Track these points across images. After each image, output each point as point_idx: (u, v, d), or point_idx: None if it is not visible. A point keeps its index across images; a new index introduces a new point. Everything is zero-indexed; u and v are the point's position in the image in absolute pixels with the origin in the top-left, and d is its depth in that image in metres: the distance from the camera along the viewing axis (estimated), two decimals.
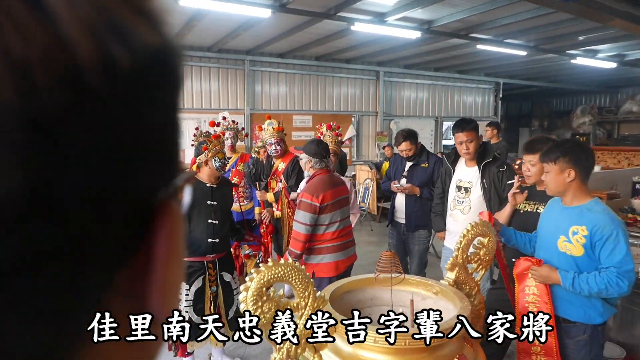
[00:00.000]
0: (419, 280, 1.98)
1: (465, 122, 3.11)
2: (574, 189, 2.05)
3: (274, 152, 3.96)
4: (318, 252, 2.95)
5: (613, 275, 1.91)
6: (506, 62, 9.98)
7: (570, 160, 2.01)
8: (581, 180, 2.04)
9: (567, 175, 2.02)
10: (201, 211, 2.90)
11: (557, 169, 2.05)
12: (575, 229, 2.02)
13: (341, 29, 6.82)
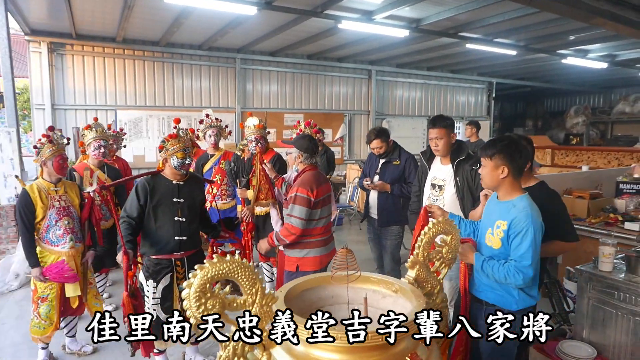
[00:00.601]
0: (380, 278, 1.96)
1: (438, 118, 3.09)
2: (507, 184, 2.12)
3: (254, 149, 3.93)
4: (304, 246, 2.93)
5: (512, 267, 2.02)
6: (498, 62, 9.98)
7: (505, 158, 2.07)
8: (513, 176, 2.10)
9: (501, 171, 2.09)
10: (167, 209, 2.85)
11: (492, 164, 2.11)
12: (498, 223, 2.11)
13: (329, 27, 6.80)
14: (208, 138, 4.57)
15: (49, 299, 3.05)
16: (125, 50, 7.97)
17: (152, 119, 8.25)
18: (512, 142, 2.12)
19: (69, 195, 3.14)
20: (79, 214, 3.18)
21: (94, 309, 3.32)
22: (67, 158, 3.13)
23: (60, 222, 3.03)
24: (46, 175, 3.05)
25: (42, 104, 7.42)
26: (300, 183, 2.87)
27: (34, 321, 3.07)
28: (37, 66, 7.38)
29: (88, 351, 3.45)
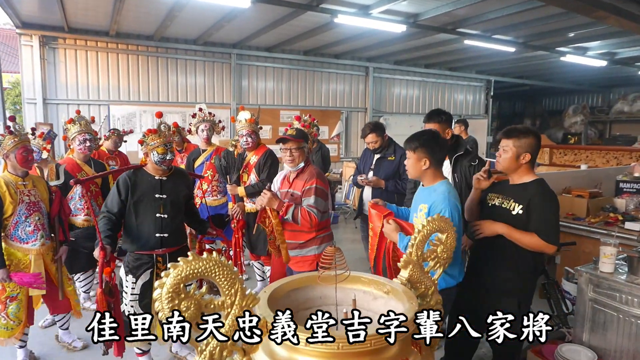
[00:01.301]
0: (371, 278, 1.86)
1: (433, 113, 3.01)
2: (429, 174, 2.34)
3: (245, 144, 3.83)
4: (321, 240, 2.85)
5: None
6: (496, 59, 9.88)
7: (426, 151, 2.30)
8: (434, 167, 2.33)
9: (423, 163, 2.31)
10: (148, 204, 2.75)
11: (415, 157, 2.34)
12: (421, 207, 2.34)
13: (325, 22, 6.69)
14: (200, 132, 4.45)
15: (19, 298, 2.92)
16: (119, 45, 7.84)
17: (146, 114, 8.12)
18: (432, 136, 2.35)
19: (38, 189, 3.00)
20: (48, 209, 3.05)
21: (77, 307, 3.25)
22: (32, 150, 2.99)
23: (30, 218, 2.89)
24: (11, 168, 2.90)
25: (34, 99, 7.29)
26: (317, 175, 2.80)
27: (1, 322, 2.91)
28: (29, 60, 7.25)
29: (78, 347, 3.41)
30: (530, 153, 2.34)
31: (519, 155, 2.34)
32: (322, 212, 2.76)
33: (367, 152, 3.98)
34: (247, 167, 3.91)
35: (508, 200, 2.37)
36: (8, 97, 16.73)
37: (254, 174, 3.85)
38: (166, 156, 2.74)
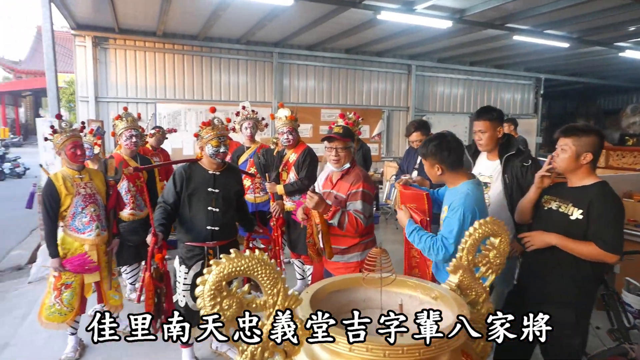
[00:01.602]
0: (417, 282, 1.77)
1: (483, 110, 2.86)
2: (448, 178, 2.33)
3: (285, 141, 3.81)
4: (364, 246, 2.73)
5: (438, 241, 2.21)
6: (547, 56, 9.40)
7: (435, 158, 2.29)
8: (450, 170, 2.30)
9: (437, 170, 2.31)
10: (201, 198, 2.85)
11: (428, 164, 2.35)
12: (444, 209, 2.36)
13: (368, 19, 6.58)
14: (244, 130, 4.50)
15: (73, 286, 3.06)
16: (165, 45, 8.06)
17: (191, 112, 8.31)
18: (440, 141, 2.28)
19: (94, 182, 3.13)
20: (105, 202, 3.17)
21: (111, 301, 3.29)
22: (82, 145, 3.10)
23: (86, 210, 3.03)
24: (67, 163, 3.06)
25: (86, 97, 7.62)
26: (364, 178, 2.69)
27: (55, 307, 3.05)
28: (82, 60, 7.58)
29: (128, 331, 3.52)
30: (592, 153, 2.15)
31: (579, 155, 2.16)
32: (367, 217, 2.64)
33: (411, 151, 3.86)
34: (287, 165, 3.88)
35: (566, 204, 2.21)
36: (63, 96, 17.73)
37: (293, 172, 3.82)
38: (220, 149, 2.82)
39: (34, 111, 28.99)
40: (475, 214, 2.17)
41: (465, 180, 2.29)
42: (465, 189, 2.24)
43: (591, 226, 2.06)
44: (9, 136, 23.68)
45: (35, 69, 25.23)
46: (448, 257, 2.13)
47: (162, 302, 2.79)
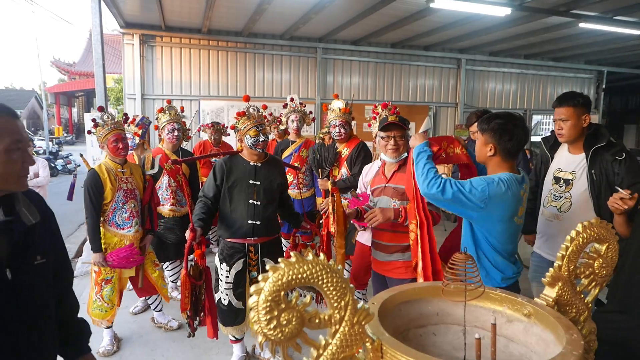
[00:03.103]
0: (504, 295, 1.47)
1: (566, 95, 2.50)
2: (494, 163, 2.05)
3: (337, 135, 3.61)
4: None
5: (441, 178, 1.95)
6: (613, 47, 8.66)
7: (492, 137, 2.02)
8: (502, 156, 2.02)
9: (489, 149, 2.04)
10: (242, 190, 2.72)
11: (482, 139, 2.07)
12: None
13: (420, 9, 6.24)
14: (291, 123, 4.33)
15: (113, 281, 3.03)
16: (210, 41, 8.04)
17: (234, 109, 8.25)
18: (507, 122, 2.00)
19: (134, 177, 3.08)
20: (142, 197, 3.10)
21: (163, 290, 3.34)
22: (124, 138, 3.02)
23: (127, 205, 2.98)
24: (110, 156, 3.00)
25: (133, 94, 7.72)
26: None
27: (97, 303, 3.03)
28: (130, 58, 7.69)
29: (174, 326, 3.52)
30: None
31: None
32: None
33: (470, 145, 3.52)
34: (338, 160, 3.66)
35: None
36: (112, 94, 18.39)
37: (345, 167, 3.59)
38: (259, 138, 2.67)
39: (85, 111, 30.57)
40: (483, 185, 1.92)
41: (506, 172, 2.01)
42: (502, 176, 1.96)
43: None
44: (62, 134, 24.88)
45: (87, 71, 26.42)
46: (436, 198, 1.96)
47: (201, 300, 2.65)
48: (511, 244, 2.06)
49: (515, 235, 2.07)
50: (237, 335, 2.89)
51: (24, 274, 1.29)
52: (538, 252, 2.72)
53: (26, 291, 1.30)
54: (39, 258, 1.34)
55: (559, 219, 2.54)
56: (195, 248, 2.51)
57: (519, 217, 2.03)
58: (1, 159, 1.23)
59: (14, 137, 1.25)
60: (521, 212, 2.02)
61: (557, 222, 2.54)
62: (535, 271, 2.74)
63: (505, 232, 1.99)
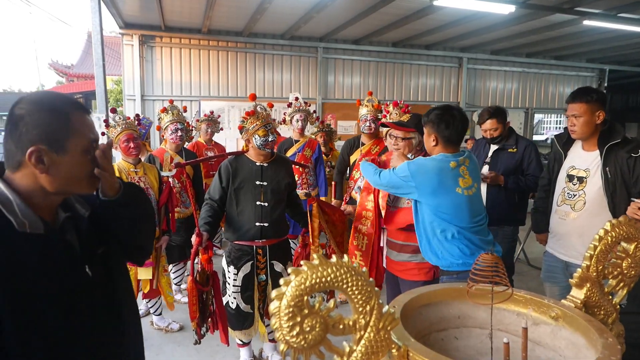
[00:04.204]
0: (530, 297, 1.42)
1: (580, 91, 2.44)
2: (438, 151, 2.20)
3: (366, 129, 3.72)
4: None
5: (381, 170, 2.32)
6: (615, 44, 8.61)
7: (433, 128, 2.19)
8: (444, 144, 2.19)
9: (432, 140, 2.21)
10: (248, 192, 2.65)
11: (426, 132, 2.25)
12: None
13: (422, 7, 6.19)
14: (295, 123, 4.28)
15: None
16: (210, 42, 7.98)
17: (234, 109, 8.19)
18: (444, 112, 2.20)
19: (148, 177, 3.02)
20: (157, 197, 3.04)
21: (168, 298, 3.25)
22: (136, 138, 2.98)
23: None
24: (122, 156, 2.98)
25: (133, 95, 7.65)
26: None
27: None
28: (129, 59, 7.62)
29: (175, 328, 3.49)
30: None
31: None
32: None
33: (481, 143, 3.47)
34: (369, 156, 3.64)
35: None
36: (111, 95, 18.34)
37: None
38: (268, 138, 2.61)
39: None
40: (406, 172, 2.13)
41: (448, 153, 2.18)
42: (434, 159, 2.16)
43: None
44: None
45: (86, 73, 26.29)
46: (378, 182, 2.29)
47: (209, 305, 2.59)
48: (466, 217, 2.13)
49: (466, 207, 2.12)
50: (245, 339, 2.83)
51: (98, 268, 1.21)
52: (551, 252, 2.66)
53: (107, 284, 1.23)
54: (103, 248, 1.26)
55: (572, 217, 2.48)
56: (202, 253, 2.45)
57: (466, 189, 2.12)
58: (78, 160, 1.12)
59: (92, 136, 1.15)
60: (464, 183, 2.11)
61: (570, 220, 2.49)
62: (548, 271, 2.69)
63: (451, 204, 2.10)
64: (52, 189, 1.11)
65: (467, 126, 2.23)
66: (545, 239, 2.79)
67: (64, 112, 1.10)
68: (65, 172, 1.10)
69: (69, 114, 1.11)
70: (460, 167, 2.14)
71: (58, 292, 1.07)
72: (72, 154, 1.10)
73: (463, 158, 2.17)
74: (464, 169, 2.14)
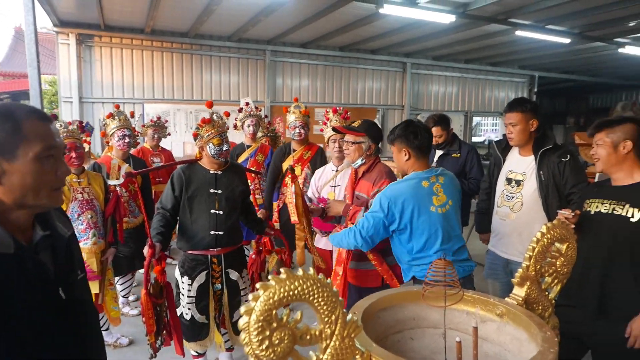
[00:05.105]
0: (477, 296, 1.53)
1: (515, 102, 2.65)
2: (411, 165, 2.24)
3: (297, 135, 3.66)
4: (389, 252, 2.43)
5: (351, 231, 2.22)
6: (544, 53, 9.31)
7: (402, 142, 2.22)
8: (416, 155, 2.22)
9: (404, 154, 2.24)
10: (202, 200, 2.60)
11: (395, 150, 2.28)
12: None
13: (368, 14, 6.36)
14: (246, 128, 4.25)
15: None
16: (154, 42, 7.73)
17: (180, 112, 7.99)
18: (407, 125, 2.24)
19: (92, 187, 2.87)
20: (103, 208, 2.90)
21: (112, 312, 3.11)
22: (78, 147, 2.84)
23: (82, 216, 2.77)
24: None
25: (70, 97, 7.25)
26: (388, 174, 2.54)
27: None
28: (66, 58, 7.21)
29: (124, 343, 3.36)
30: (632, 140, 1.97)
31: (617, 145, 1.98)
32: None
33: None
34: (301, 162, 3.67)
35: (621, 205, 1.99)
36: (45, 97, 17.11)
37: (308, 168, 3.63)
38: (223, 147, 2.58)
39: None
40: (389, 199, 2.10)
41: (421, 170, 2.21)
42: (400, 181, 2.18)
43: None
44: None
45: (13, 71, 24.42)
46: (362, 244, 2.18)
47: (163, 317, 2.53)
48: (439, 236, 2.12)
49: (440, 225, 2.12)
50: (200, 350, 2.78)
51: (74, 291, 1.16)
52: (493, 250, 2.85)
53: (79, 309, 1.18)
54: (80, 272, 1.22)
55: (511, 218, 2.67)
56: (155, 264, 2.39)
57: (439, 206, 2.13)
58: (31, 168, 1.05)
59: (46, 143, 1.08)
60: (437, 201, 2.14)
61: (510, 221, 2.68)
62: (490, 268, 2.87)
63: (427, 222, 2.10)
64: (9, 200, 1.05)
65: (431, 135, 2.30)
66: (487, 239, 2.98)
67: (15, 119, 1.06)
68: (18, 181, 1.05)
69: (21, 120, 1.06)
70: (434, 185, 2.15)
71: (27, 313, 1.03)
72: (24, 161, 1.05)
73: (436, 175, 2.18)
74: (437, 187, 2.16)
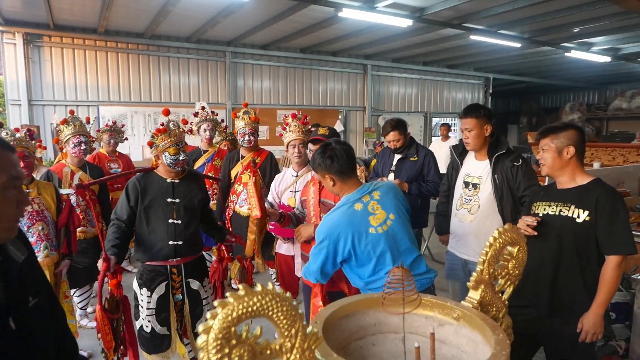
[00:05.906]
0: (434, 301, 1.57)
1: (470, 108, 2.75)
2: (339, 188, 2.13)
3: (246, 142, 3.58)
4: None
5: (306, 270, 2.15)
6: (497, 56, 9.69)
7: (322, 169, 2.11)
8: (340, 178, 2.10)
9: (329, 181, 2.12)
10: (160, 210, 2.53)
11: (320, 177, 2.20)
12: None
13: (328, 17, 6.40)
14: (202, 133, 4.17)
15: None
16: (108, 43, 7.46)
17: (138, 115, 7.75)
18: (324, 150, 2.09)
19: (43, 197, 2.73)
20: (55, 219, 2.77)
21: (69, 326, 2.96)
22: (27, 156, 2.70)
23: (33, 228, 2.63)
24: None
25: (18, 100, 6.88)
26: None
27: None
28: (12, 59, 6.83)
29: (84, 355, 3.27)
30: (574, 146, 2.09)
31: (561, 150, 2.10)
32: None
33: (386, 152, 3.71)
34: (249, 168, 3.64)
35: (567, 207, 2.10)
36: None
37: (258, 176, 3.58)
38: (179, 157, 2.51)
39: None
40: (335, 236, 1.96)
41: (351, 192, 2.06)
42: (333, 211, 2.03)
43: (604, 228, 1.97)
44: None
45: None
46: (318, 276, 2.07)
47: (119, 332, 2.44)
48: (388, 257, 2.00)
49: (385, 244, 1.99)
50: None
51: (25, 320, 1.09)
52: (452, 251, 2.94)
53: (29, 340, 1.11)
54: (31, 299, 1.15)
55: (469, 220, 2.77)
56: (110, 278, 2.30)
57: (379, 226, 1.99)
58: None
59: (11, 173, 1.05)
60: (376, 220, 2.00)
61: (467, 222, 2.77)
62: (450, 269, 2.96)
63: (370, 245, 1.97)
64: None
65: (352, 152, 2.14)
66: (446, 240, 3.07)
67: None
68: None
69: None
70: (368, 205, 2.02)
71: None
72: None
73: (369, 193, 2.05)
74: (373, 205, 2.03)
